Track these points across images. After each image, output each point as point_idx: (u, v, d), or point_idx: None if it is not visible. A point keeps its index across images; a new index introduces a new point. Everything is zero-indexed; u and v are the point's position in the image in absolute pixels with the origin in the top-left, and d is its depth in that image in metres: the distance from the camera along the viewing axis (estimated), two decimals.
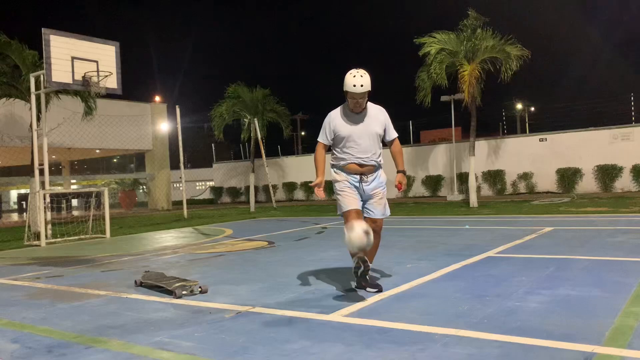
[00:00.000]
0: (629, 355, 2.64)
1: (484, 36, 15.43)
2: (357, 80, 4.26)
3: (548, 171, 20.05)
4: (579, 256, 5.70)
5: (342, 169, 4.44)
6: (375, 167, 4.47)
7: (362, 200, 4.44)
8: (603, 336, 2.96)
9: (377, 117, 4.47)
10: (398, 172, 4.54)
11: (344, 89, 4.32)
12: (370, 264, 4.47)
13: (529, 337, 2.99)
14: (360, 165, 4.39)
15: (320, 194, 4.43)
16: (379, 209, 4.48)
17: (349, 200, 4.37)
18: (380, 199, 4.47)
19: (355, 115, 4.41)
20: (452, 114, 20.84)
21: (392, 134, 4.58)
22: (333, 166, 4.53)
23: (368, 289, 4.41)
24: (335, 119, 4.46)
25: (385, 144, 4.60)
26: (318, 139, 4.56)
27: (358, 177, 4.39)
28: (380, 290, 4.36)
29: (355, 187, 4.40)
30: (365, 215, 4.46)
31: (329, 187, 4.48)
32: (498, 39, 15.43)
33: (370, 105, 4.48)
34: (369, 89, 4.29)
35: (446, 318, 3.50)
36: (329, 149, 4.58)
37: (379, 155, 4.48)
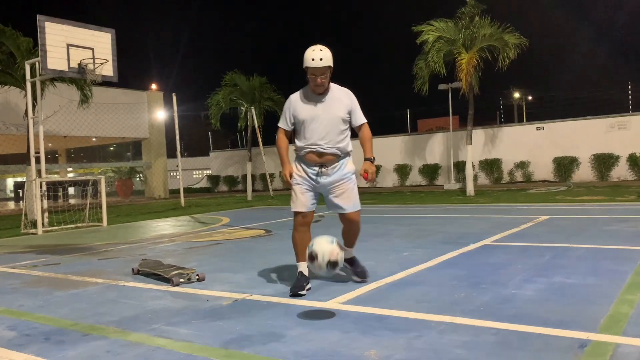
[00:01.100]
0: (624, 342, 2.66)
1: (482, 24, 15.39)
2: (317, 54, 3.87)
3: (545, 160, 20.09)
4: (575, 244, 5.72)
5: (302, 159, 4.09)
6: (338, 157, 4.06)
7: (324, 195, 4.16)
8: (598, 323, 2.98)
9: (341, 99, 4.06)
10: (365, 159, 4.07)
11: (304, 66, 3.92)
12: (353, 248, 4.37)
13: (525, 325, 3.01)
14: (319, 155, 4.00)
15: (293, 179, 4.15)
16: (348, 202, 4.11)
17: (299, 199, 4.08)
18: (346, 191, 4.09)
19: (317, 97, 4.02)
20: (449, 102, 20.82)
21: (360, 119, 4.14)
22: (296, 158, 4.19)
23: (354, 277, 4.34)
24: (294, 102, 4.10)
25: (355, 131, 4.21)
26: (279, 125, 4.21)
27: (317, 169, 4.04)
28: (365, 279, 4.29)
29: (312, 180, 4.07)
30: (339, 212, 4.20)
31: None
32: (496, 27, 15.39)
33: (334, 87, 4.09)
34: (330, 64, 3.89)
35: (442, 305, 3.51)
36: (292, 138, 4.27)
37: (342, 142, 4.05)
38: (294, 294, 3.96)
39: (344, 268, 4.24)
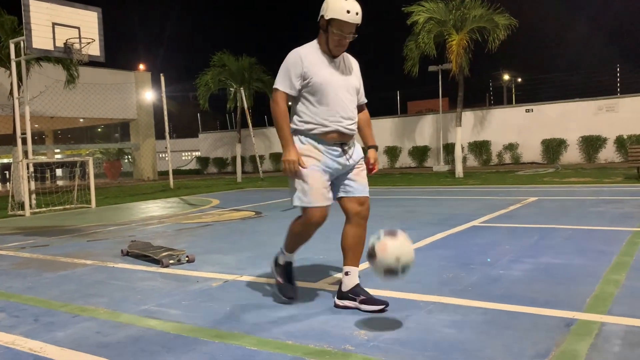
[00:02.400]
0: (609, 321, 2.70)
1: (473, 5, 15.32)
2: (354, 5, 3.02)
3: (533, 142, 20.21)
4: (562, 225, 5.78)
5: (316, 137, 3.10)
6: (354, 138, 3.27)
7: (337, 182, 3.22)
8: (584, 303, 3.02)
9: (353, 68, 3.27)
10: (369, 147, 3.37)
11: (329, 17, 3.02)
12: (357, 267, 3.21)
13: (513, 304, 3.05)
14: (341, 135, 3.13)
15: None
16: (363, 182, 3.25)
17: (317, 189, 3.05)
18: (363, 172, 3.27)
19: (331, 59, 3.15)
20: (439, 84, 20.80)
21: (363, 98, 3.37)
22: (298, 132, 3.14)
23: (367, 308, 3.04)
24: (306, 58, 3.09)
25: None
26: (277, 87, 3.11)
27: (338, 149, 3.13)
28: (385, 307, 3.06)
29: (333, 162, 3.12)
30: (344, 195, 3.21)
31: None
32: (486, 8, 15.33)
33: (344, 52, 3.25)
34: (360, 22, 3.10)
35: (431, 286, 3.54)
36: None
37: (357, 120, 3.27)
38: (294, 297, 3.35)
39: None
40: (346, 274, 3.17)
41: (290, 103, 3.17)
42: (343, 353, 2.46)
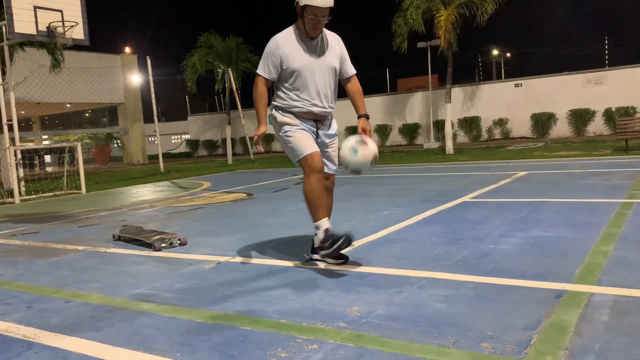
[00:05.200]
0: (597, 292, 2.74)
1: None
2: None
3: (523, 117, 20.26)
4: (552, 199, 5.83)
5: (295, 113, 3.53)
6: (330, 116, 3.67)
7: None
8: (573, 274, 3.06)
9: (333, 46, 3.56)
10: (360, 116, 3.62)
11: (303, 3, 3.32)
12: None
13: (503, 278, 3.08)
14: (314, 114, 3.54)
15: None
16: (334, 161, 3.67)
17: (307, 141, 3.47)
18: (334, 150, 3.68)
19: (310, 42, 3.47)
20: (428, 61, 20.71)
21: (351, 70, 3.68)
22: (278, 108, 3.58)
23: (330, 260, 3.61)
24: (285, 45, 3.44)
25: (341, 82, 3.74)
26: (258, 72, 3.52)
27: (314, 122, 3.57)
28: (345, 262, 3.59)
29: (312, 130, 3.56)
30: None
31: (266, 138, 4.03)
32: None
33: (324, 30, 3.54)
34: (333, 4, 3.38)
35: (422, 261, 3.57)
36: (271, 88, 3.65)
37: (334, 99, 3.64)
38: (339, 257, 3.52)
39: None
40: (317, 227, 3.46)
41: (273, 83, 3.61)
42: (336, 330, 2.48)
